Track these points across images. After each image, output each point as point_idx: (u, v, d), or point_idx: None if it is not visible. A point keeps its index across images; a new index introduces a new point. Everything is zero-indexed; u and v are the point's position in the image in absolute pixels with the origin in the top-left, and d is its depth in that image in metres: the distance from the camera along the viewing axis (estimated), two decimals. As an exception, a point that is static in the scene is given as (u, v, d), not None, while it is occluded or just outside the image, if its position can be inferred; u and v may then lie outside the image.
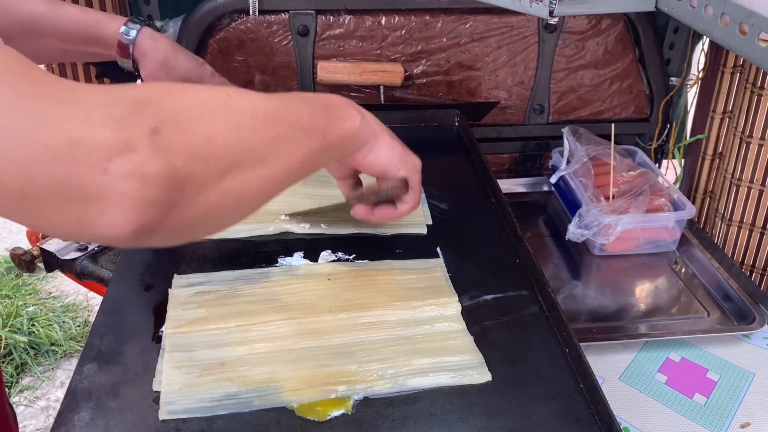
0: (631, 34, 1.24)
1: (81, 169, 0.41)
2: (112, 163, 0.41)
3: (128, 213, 0.42)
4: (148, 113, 0.44)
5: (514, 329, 0.74)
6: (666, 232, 1.11)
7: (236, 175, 0.49)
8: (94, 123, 0.41)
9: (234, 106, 0.51)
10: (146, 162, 0.42)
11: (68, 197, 0.42)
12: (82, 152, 0.41)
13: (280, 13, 1.15)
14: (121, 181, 0.41)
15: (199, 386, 0.65)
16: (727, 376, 0.88)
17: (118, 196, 0.42)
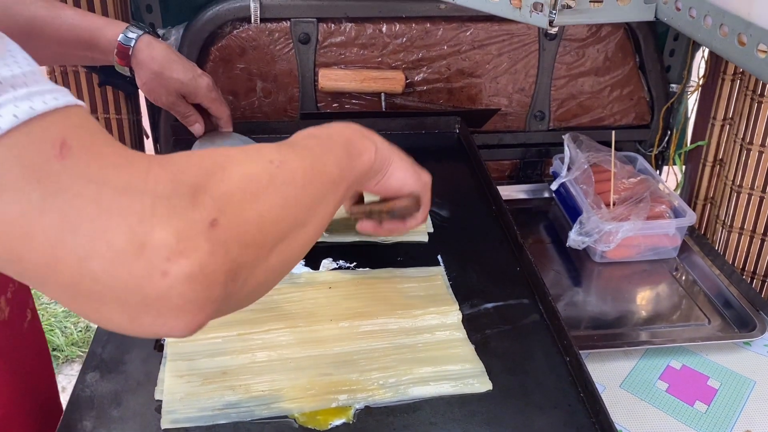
0: (632, 41, 1.25)
1: (141, 270, 0.39)
2: (173, 265, 0.40)
3: (189, 315, 0.41)
4: (206, 202, 0.42)
5: (515, 338, 0.74)
6: (667, 239, 1.12)
7: (281, 249, 0.49)
8: (155, 219, 0.40)
9: (278, 178, 0.49)
10: (206, 261, 0.41)
11: (124, 297, 0.40)
12: (143, 252, 0.39)
13: (281, 21, 1.15)
14: (182, 284, 0.40)
15: (201, 395, 0.66)
16: (727, 383, 0.88)
17: (179, 299, 0.40)
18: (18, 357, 0.77)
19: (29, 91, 0.38)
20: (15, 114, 0.36)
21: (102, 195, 0.39)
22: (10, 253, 0.38)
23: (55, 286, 0.40)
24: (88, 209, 0.38)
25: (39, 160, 0.37)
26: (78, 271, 0.39)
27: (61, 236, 0.38)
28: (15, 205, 0.37)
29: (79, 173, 0.38)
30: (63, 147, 0.38)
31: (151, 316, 0.41)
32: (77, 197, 0.38)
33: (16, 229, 0.37)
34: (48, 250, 0.38)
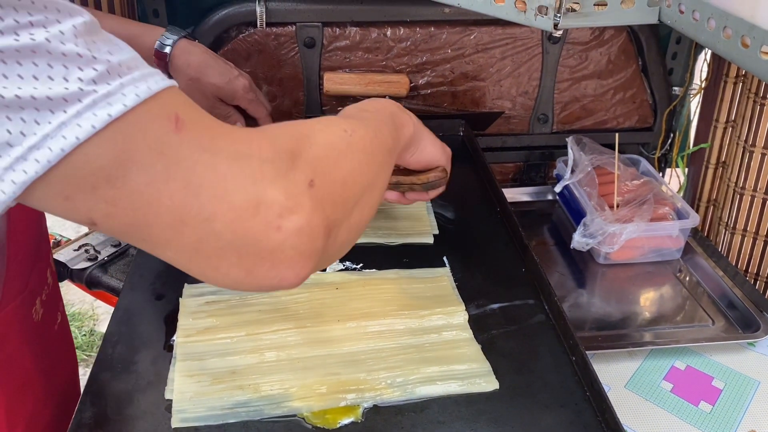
0: (634, 44, 1.26)
1: (258, 226, 0.44)
2: (285, 220, 0.45)
3: (298, 266, 0.46)
4: (302, 165, 0.48)
5: (521, 338, 0.75)
6: (670, 241, 1.12)
7: (357, 210, 0.54)
8: (266, 181, 0.45)
9: (353, 145, 0.55)
10: (311, 217, 0.46)
11: (243, 251, 0.44)
12: (259, 210, 0.44)
13: (287, 26, 1.16)
14: (294, 237, 0.45)
15: (211, 394, 0.66)
16: (732, 383, 0.89)
17: (291, 251, 0.45)
18: (49, 358, 0.78)
19: (142, 73, 0.42)
20: (137, 94, 0.40)
21: (217, 161, 0.43)
22: (137, 220, 0.42)
23: (177, 248, 0.44)
24: (207, 174, 0.43)
25: (160, 134, 0.41)
26: (202, 231, 0.43)
27: (186, 200, 0.42)
28: (142, 175, 0.41)
29: (195, 144, 0.43)
30: (178, 121, 0.42)
31: (265, 267, 0.45)
32: (197, 164, 0.42)
33: (144, 198, 0.41)
34: (174, 214, 0.42)
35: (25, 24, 0.37)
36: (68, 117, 0.38)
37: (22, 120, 0.37)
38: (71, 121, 0.38)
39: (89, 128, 0.38)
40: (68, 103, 0.38)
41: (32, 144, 0.38)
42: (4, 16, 0.36)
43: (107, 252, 1.05)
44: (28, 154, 0.38)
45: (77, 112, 0.38)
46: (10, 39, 0.36)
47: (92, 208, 0.42)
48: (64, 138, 0.38)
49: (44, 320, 0.78)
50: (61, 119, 0.38)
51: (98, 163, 0.40)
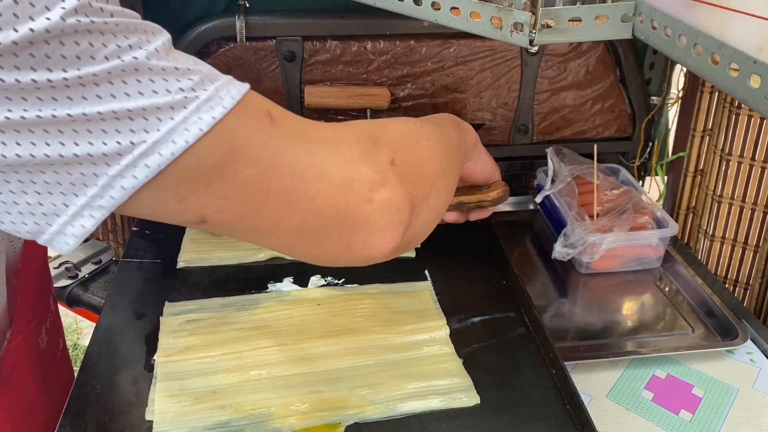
0: (612, 55, 1.27)
1: (354, 199, 0.49)
2: (376, 193, 0.50)
3: (389, 235, 0.51)
4: (383, 147, 0.53)
5: (502, 351, 0.76)
6: (650, 250, 1.13)
7: (434, 193, 0.59)
8: (355, 160, 0.50)
9: (423, 134, 0.61)
10: (396, 191, 0.52)
11: (342, 224, 0.50)
12: (354, 185, 0.49)
13: (267, 40, 1.17)
14: (383, 209, 0.51)
15: (192, 414, 0.66)
16: (711, 391, 0.90)
17: (382, 221, 0.51)
18: (53, 385, 0.78)
19: (227, 78, 0.46)
20: (231, 96, 0.44)
21: (312, 147, 0.48)
22: (248, 210, 0.47)
23: (283, 231, 0.49)
24: (307, 159, 0.48)
25: (260, 128, 0.46)
26: (307, 210, 0.48)
27: (292, 183, 0.47)
28: (251, 167, 0.45)
29: (290, 133, 0.48)
30: (270, 116, 0.47)
31: (361, 238, 0.51)
32: (296, 151, 0.47)
33: (254, 187, 0.46)
34: (282, 198, 0.47)
35: (125, 47, 0.40)
36: (176, 123, 0.41)
37: (131, 131, 0.41)
38: (179, 126, 0.42)
39: (197, 131, 0.42)
40: (174, 111, 0.41)
41: (143, 151, 0.41)
42: (107, 42, 0.39)
43: (88, 269, 1.04)
44: (138, 161, 0.41)
45: (184, 118, 0.42)
46: (116, 61, 0.40)
47: (205, 206, 0.45)
48: (173, 143, 0.41)
49: (49, 347, 0.78)
50: (169, 126, 0.41)
51: (210, 162, 0.43)
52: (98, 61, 0.39)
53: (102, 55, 0.39)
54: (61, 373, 0.84)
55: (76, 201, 0.41)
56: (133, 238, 0.92)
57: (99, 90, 0.39)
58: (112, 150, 0.40)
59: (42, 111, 0.38)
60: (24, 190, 0.40)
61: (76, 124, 0.39)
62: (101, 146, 0.40)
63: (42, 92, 0.38)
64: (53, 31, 0.37)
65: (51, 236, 0.42)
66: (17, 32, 0.36)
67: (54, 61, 0.38)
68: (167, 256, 0.89)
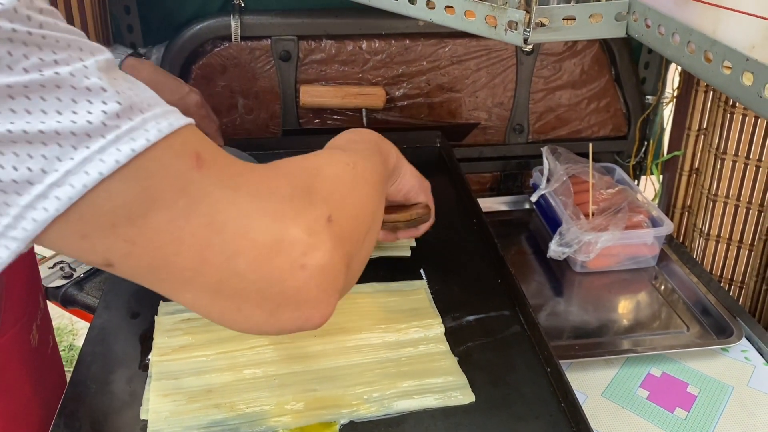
0: (607, 54, 1.27)
1: (283, 265, 0.43)
2: (309, 259, 0.44)
3: (322, 305, 0.46)
4: (318, 202, 0.47)
5: (497, 349, 0.76)
6: (645, 248, 1.14)
7: (366, 241, 0.54)
8: (287, 219, 0.44)
9: (358, 178, 0.56)
10: (332, 253, 0.45)
11: (266, 291, 0.44)
12: (282, 248, 0.43)
13: (262, 39, 1.17)
14: (318, 276, 0.44)
15: (187, 414, 0.66)
16: (706, 389, 0.90)
17: (316, 290, 0.45)
18: (44, 382, 0.78)
19: (162, 110, 0.41)
20: (159, 129, 0.40)
21: (239, 199, 0.43)
22: (157, 260, 0.41)
23: (198, 289, 0.43)
24: (230, 212, 0.42)
25: (182, 171, 0.41)
26: (224, 270, 0.42)
27: (209, 237, 0.42)
28: (164, 212, 0.40)
29: (217, 181, 0.43)
30: (199, 158, 0.42)
31: (290, 309, 0.45)
32: (218, 202, 0.42)
33: (165, 236, 0.41)
34: (196, 252, 0.42)
35: (50, 62, 0.37)
36: (91, 152, 0.38)
37: (44, 157, 0.37)
38: (94, 157, 0.38)
39: (113, 163, 0.38)
40: (91, 139, 0.38)
41: (53, 181, 0.37)
42: (29, 54, 0.36)
43: (83, 269, 1.04)
44: (48, 191, 0.37)
45: (101, 147, 0.38)
46: (36, 74, 0.36)
47: (110, 248, 0.41)
48: (86, 174, 0.38)
49: (40, 345, 0.77)
50: (84, 155, 0.37)
51: (120, 200, 0.39)
52: (16, 72, 0.36)
53: (21, 66, 0.36)
54: (53, 371, 0.83)
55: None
56: (128, 237, 0.92)
57: (13, 104, 0.36)
58: (23, 177, 0.37)
59: None
60: None
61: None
62: (11, 171, 0.37)
63: None
64: None
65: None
66: None
67: None
68: (162, 255, 0.89)
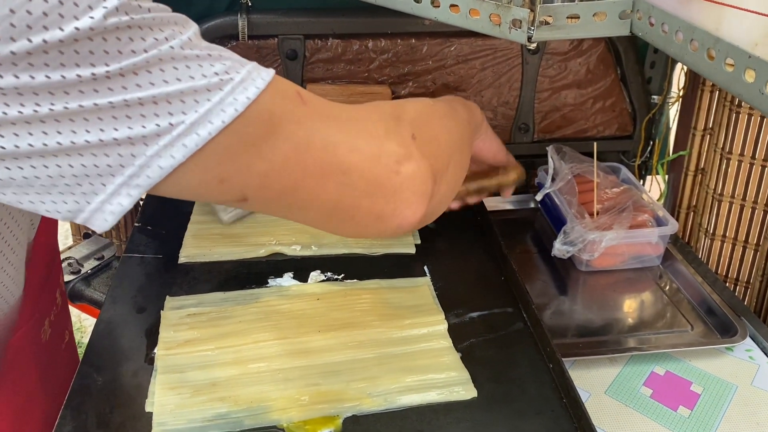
0: (613, 54, 1.27)
1: (383, 172, 0.53)
2: (402, 166, 0.54)
3: (414, 205, 0.55)
4: (404, 124, 0.57)
5: (500, 346, 0.76)
6: (650, 248, 1.14)
7: (452, 166, 0.63)
8: (382, 136, 0.54)
9: (437, 112, 0.66)
10: (420, 163, 0.55)
11: (373, 195, 0.53)
12: (382, 159, 0.53)
13: (269, 38, 1.17)
14: (410, 180, 0.54)
15: (191, 407, 0.67)
16: (710, 388, 0.90)
17: (408, 192, 0.54)
18: (55, 378, 0.78)
19: (253, 64, 0.47)
20: (262, 78, 0.46)
21: (341, 124, 0.52)
22: (286, 186, 0.49)
23: (320, 205, 0.52)
24: (338, 135, 0.51)
25: (293, 107, 0.48)
26: (342, 183, 0.51)
27: (326, 158, 0.50)
28: (288, 144, 0.48)
29: (320, 112, 0.51)
30: (300, 96, 0.50)
31: (390, 208, 0.54)
32: (328, 128, 0.50)
33: (291, 163, 0.48)
34: (318, 173, 0.49)
35: (162, 39, 0.42)
36: (213, 104, 0.43)
37: (170, 113, 0.42)
38: (216, 107, 0.43)
39: (233, 111, 0.43)
40: (211, 92, 0.43)
41: (181, 131, 0.43)
42: (145, 36, 0.41)
43: (90, 265, 1.05)
44: (176, 140, 0.43)
45: (221, 99, 0.43)
46: (154, 51, 0.41)
47: (246, 184, 0.47)
48: (210, 123, 0.43)
49: (52, 340, 0.78)
50: (206, 107, 0.43)
51: (249, 141, 0.45)
52: (137, 53, 0.41)
53: (141, 47, 0.41)
54: (65, 366, 0.84)
55: (114, 180, 0.43)
56: (135, 233, 0.93)
57: (138, 79, 0.41)
58: (151, 131, 0.42)
59: (84, 102, 0.40)
60: (62, 174, 0.42)
61: (116, 110, 0.41)
62: (140, 129, 0.42)
63: (84, 85, 0.40)
64: (97, 29, 0.39)
65: (89, 214, 0.44)
66: (63, 31, 0.38)
67: (97, 57, 0.39)
68: (169, 251, 0.90)
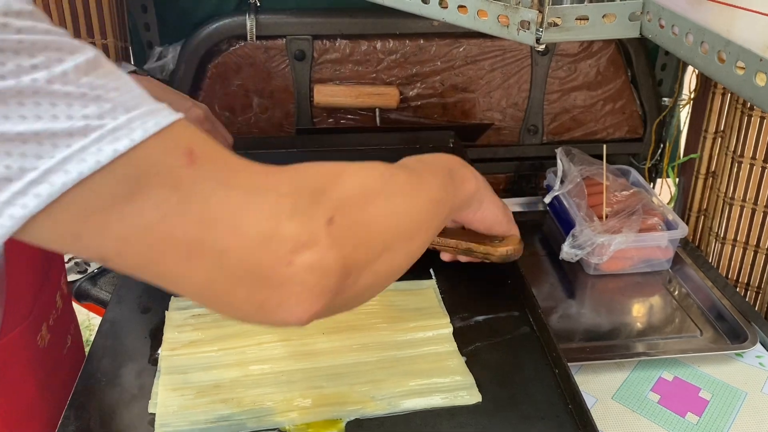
0: (623, 56, 1.26)
1: (269, 260, 0.44)
2: (297, 256, 0.44)
3: (307, 302, 0.46)
4: (325, 202, 0.47)
5: (505, 350, 0.75)
6: (659, 251, 1.12)
7: (388, 257, 0.53)
8: (282, 215, 0.44)
9: (389, 188, 0.54)
10: (325, 254, 0.45)
11: (253, 285, 0.44)
12: (272, 244, 0.44)
13: (277, 39, 1.17)
14: (304, 273, 0.44)
15: (194, 408, 0.67)
16: (719, 395, 0.89)
17: (300, 287, 0.45)
18: (56, 384, 0.78)
19: (150, 108, 0.41)
20: (145, 128, 0.40)
21: (232, 195, 0.43)
22: (151, 257, 0.42)
23: (191, 283, 0.44)
24: (221, 208, 0.43)
25: (172, 168, 0.41)
26: (215, 265, 0.43)
27: (200, 234, 0.42)
28: (156, 210, 0.41)
29: (210, 177, 0.43)
30: (191, 155, 0.42)
31: (274, 302, 0.45)
32: (211, 198, 0.42)
33: (156, 234, 0.41)
34: (187, 248, 0.42)
35: (26, 68, 0.37)
36: (72, 151, 0.38)
37: (23, 155, 0.37)
38: (75, 156, 0.38)
39: (93, 163, 0.38)
40: (73, 138, 0.38)
41: (32, 179, 0.37)
42: (5, 60, 0.36)
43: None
44: (28, 188, 0.38)
45: (82, 147, 0.38)
46: (12, 81, 0.36)
47: (103, 246, 0.41)
48: (66, 173, 0.38)
49: (51, 345, 0.77)
50: (64, 154, 0.38)
51: (107, 199, 0.39)
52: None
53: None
54: (69, 371, 0.83)
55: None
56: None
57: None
58: (1, 176, 0.37)
59: None
60: None
61: None
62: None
63: None
64: None
65: None
66: None
67: None
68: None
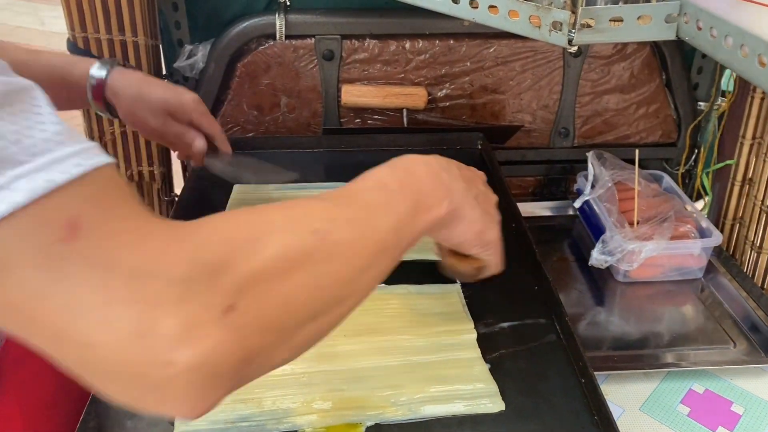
0: (658, 58, 1.24)
1: (143, 360, 0.37)
2: (178, 355, 0.38)
3: (191, 402, 0.40)
4: (225, 283, 0.40)
5: (530, 358, 0.74)
6: (692, 260, 1.10)
7: (309, 328, 0.46)
8: (164, 307, 0.38)
9: (321, 252, 0.46)
10: (215, 350, 0.39)
11: (127, 382, 0.39)
12: (146, 341, 0.37)
13: (306, 38, 1.17)
14: (187, 374, 0.38)
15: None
16: (752, 409, 0.86)
17: (183, 388, 0.39)
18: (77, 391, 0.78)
19: (52, 158, 0.36)
20: (30, 189, 0.35)
21: (109, 281, 0.37)
22: (23, 333, 0.38)
23: (65, 363, 0.39)
24: (93, 297, 0.37)
25: (46, 243, 0.36)
26: (82, 355, 0.38)
27: (64, 324, 0.37)
28: (21, 289, 0.36)
29: (88, 256, 0.37)
30: (73, 227, 0.36)
31: (154, 400, 0.39)
32: (83, 283, 0.36)
33: (22, 313, 0.37)
34: (53, 334, 0.37)
35: None
36: None
37: None
38: None
39: None
40: None
41: None
42: None
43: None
44: None
45: None
46: None
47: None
48: None
49: None
50: None
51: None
52: None
53: None
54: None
55: None
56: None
57: None
58: None
59: None
60: None
61: None
62: None
63: None
64: None
65: None
66: None
67: None
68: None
